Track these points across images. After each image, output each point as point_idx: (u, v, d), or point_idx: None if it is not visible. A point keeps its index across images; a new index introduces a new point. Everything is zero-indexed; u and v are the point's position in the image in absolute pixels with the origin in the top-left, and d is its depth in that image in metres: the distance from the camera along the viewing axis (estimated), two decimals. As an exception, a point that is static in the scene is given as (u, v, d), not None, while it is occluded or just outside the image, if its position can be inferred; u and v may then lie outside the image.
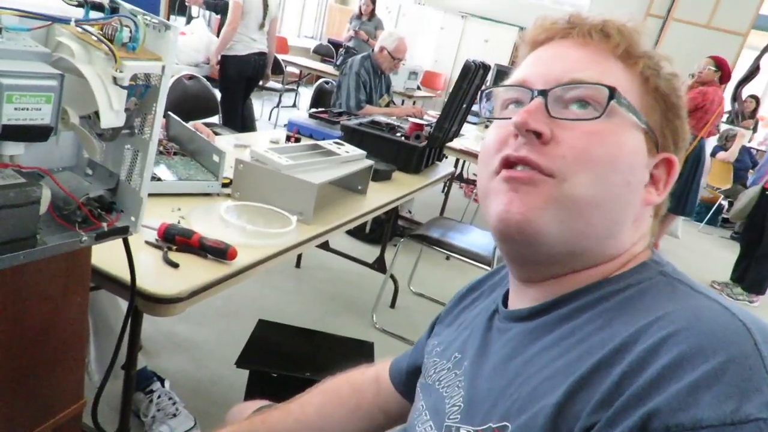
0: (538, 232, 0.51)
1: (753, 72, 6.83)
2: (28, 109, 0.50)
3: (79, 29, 0.57)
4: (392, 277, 2.65)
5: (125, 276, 0.95)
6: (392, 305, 2.70)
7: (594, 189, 0.50)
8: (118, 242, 0.71)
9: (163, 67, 0.61)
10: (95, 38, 0.56)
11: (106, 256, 0.90)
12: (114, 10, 0.59)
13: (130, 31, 0.58)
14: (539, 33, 0.59)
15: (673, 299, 0.48)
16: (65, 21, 0.54)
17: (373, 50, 3.38)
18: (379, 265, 2.75)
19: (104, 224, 0.65)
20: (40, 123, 0.52)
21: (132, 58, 0.58)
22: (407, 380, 0.79)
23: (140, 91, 0.62)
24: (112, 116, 0.58)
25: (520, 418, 0.47)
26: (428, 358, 0.70)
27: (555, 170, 0.51)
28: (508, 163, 0.53)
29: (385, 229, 2.88)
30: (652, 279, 0.51)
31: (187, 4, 4.44)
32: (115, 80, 0.57)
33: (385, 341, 2.36)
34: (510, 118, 0.53)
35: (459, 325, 0.70)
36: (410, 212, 3.79)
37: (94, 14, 0.59)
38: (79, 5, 0.58)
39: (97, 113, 0.59)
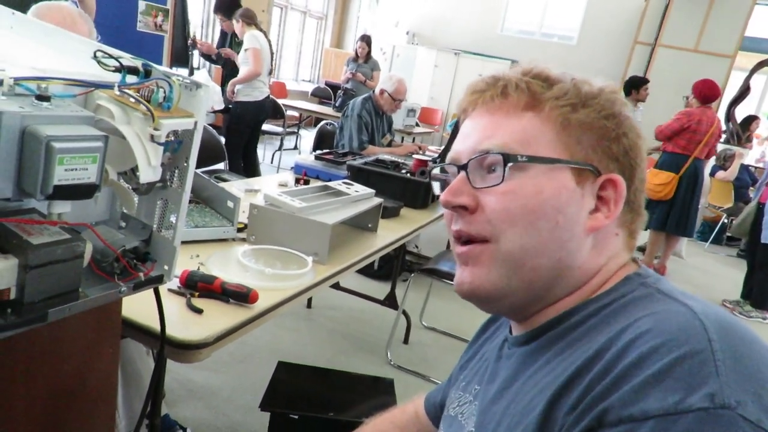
0: (490, 293, 0.58)
1: (744, 92, 6.97)
2: (76, 169, 0.53)
3: (118, 92, 0.61)
4: (404, 312, 2.65)
5: (152, 324, 0.97)
6: (405, 341, 2.69)
7: (523, 240, 0.55)
8: (142, 292, 0.73)
9: (195, 123, 0.65)
10: (133, 100, 0.60)
11: (132, 305, 0.92)
12: (148, 73, 0.64)
13: (165, 92, 0.62)
14: (463, 105, 0.63)
15: (647, 307, 0.51)
16: (108, 87, 0.58)
17: (373, 92, 3.47)
18: (390, 302, 2.75)
19: (141, 274, 0.68)
20: (87, 182, 0.55)
21: (167, 117, 0.61)
22: (442, 414, 0.80)
23: (174, 147, 0.66)
24: (150, 172, 0.62)
25: (515, 430, 0.52)
26: (455, 391, 0.73)
27: (487, 235, 0.57)
28: (456, 237, 0.60)
29: (395, 265, 2.89)
30: (634, 291, 0.54)
31: (191, 49, 4.59)
32: (152, 138, 0.61)
33: (401, 378, 2.35)
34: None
35: (481, 357, 0.73)
36: (417, 247, 3.81)
37: (130, 77, 0.63)
38: (116, 70, 0.63)
39: (133, 169, 0.62)
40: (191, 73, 5.14)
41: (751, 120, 6.67)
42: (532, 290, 0.58)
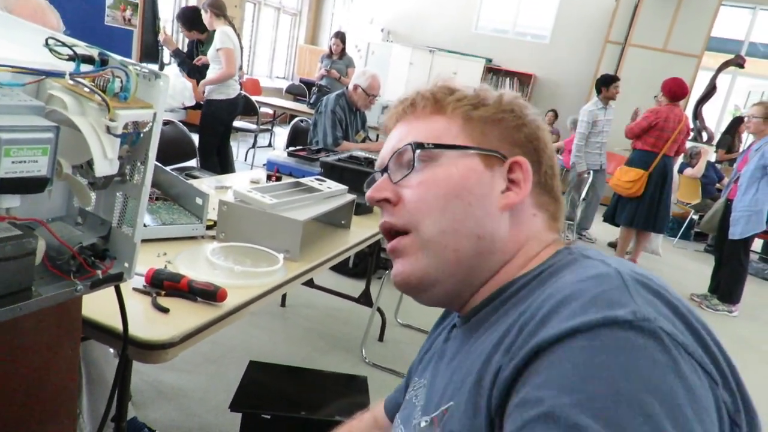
0: (421, 279, 0.62)
1: (710, 91, 7.15)
2: (25, 161, 0.51)
3: (71, 82, 0.58)
4: (379, 310, 2.64)
5: (114, 324, 0.94)
6: (380, 338, 2.68)
7: (440, 224, 0.60)
8: (106, 291, 0.70)
9: (155, 114, 0.62)
10: (88, 90, 0.57)
11: (94, 305, 0.89)
12: (104, 62, 0.61)
13: (121, 81, 0.59)
14: (385, 124, 0.72)
15: (572, 269, 0.55)
16: (59, 75, 0.55)
17: (347, 88, 3.45)
18: (365, 299, 2.74)
19: (98, 272, 0.65)
20: (36, 175, 0.52)
21: (124, 108, 0.59)
22: None
23: (132, 139, 0.63)
24: (106, 165, 0.59)
25: (458, 392, 0.55)
26: (414, 381, 0.75)
27: (408, 225, 0.62)
28: (385, 232, 0.66)
29: (369, 262, 2.88)
30: (562, 260, 0.58)
31: (161, 44, 4.46)
32: (108, 129, 0.58)
33: (376, 375, 2.34)
34: None
35: (434, 345, 0.76)
36: (392, 244, 3.81)
37: (84, 67, 0.61)
38: (70, 59, 0.60)
39: (89, 163, 0.60)
40: (161, 69, 5.03)
41: (739, 122, 6.64)
42: (460, 272, 0.61)
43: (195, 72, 4.13)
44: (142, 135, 0.64)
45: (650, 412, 0.39)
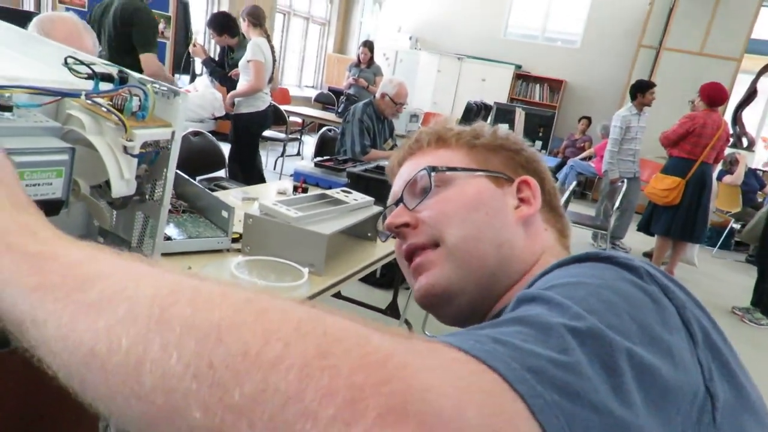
0: (446, 287, 0.62)
1: (750, 95, 6.91)
2: (39, 184, 0.50)
3: (88, 101, 0.57)
4: (407, 322, 2.60)
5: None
6: (408, 351, 2.64)
7: (464, 230, 0.62)
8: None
9: (173, 133, 0.61)
10: (105, 109, 0.56)
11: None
12: (123, 80, 0.60)
13: (140, 100, 0.58)
14: (391, 167, 0.77)
15: None
16: (75, 95, 0.54)
17: (374, 97, 3.44)
18: (392, 311, 2.71)
19: (117, 294, 0.64)
20: (51, 197, 0.51)
21: (142, 127, 0.57)
22: None
23: (150, 158, 0.62)
24: (122, 185, 0.58)
25: None
26: None
27: (433, 237, 0.63)
28: (407, 256, 0.66)
29: (397, 273, 2.85)
30: None
31: (192, 55, 4.45)
32: (125, 149, 0.57)
33: (402, 389, 2.30)
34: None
35: None
36: (420, 254, 3.77)
37: (103, 85, 0.59)
38: (89, 77, 0.59)
39: (107, 182, 0.58)
40: (192, 80, 5.13)
41: None
42: (483, 280, 0.62)
43: (226, 80, 4.15)
44: (160, 154, 0.63)
45: (610, 300, 0.39)
